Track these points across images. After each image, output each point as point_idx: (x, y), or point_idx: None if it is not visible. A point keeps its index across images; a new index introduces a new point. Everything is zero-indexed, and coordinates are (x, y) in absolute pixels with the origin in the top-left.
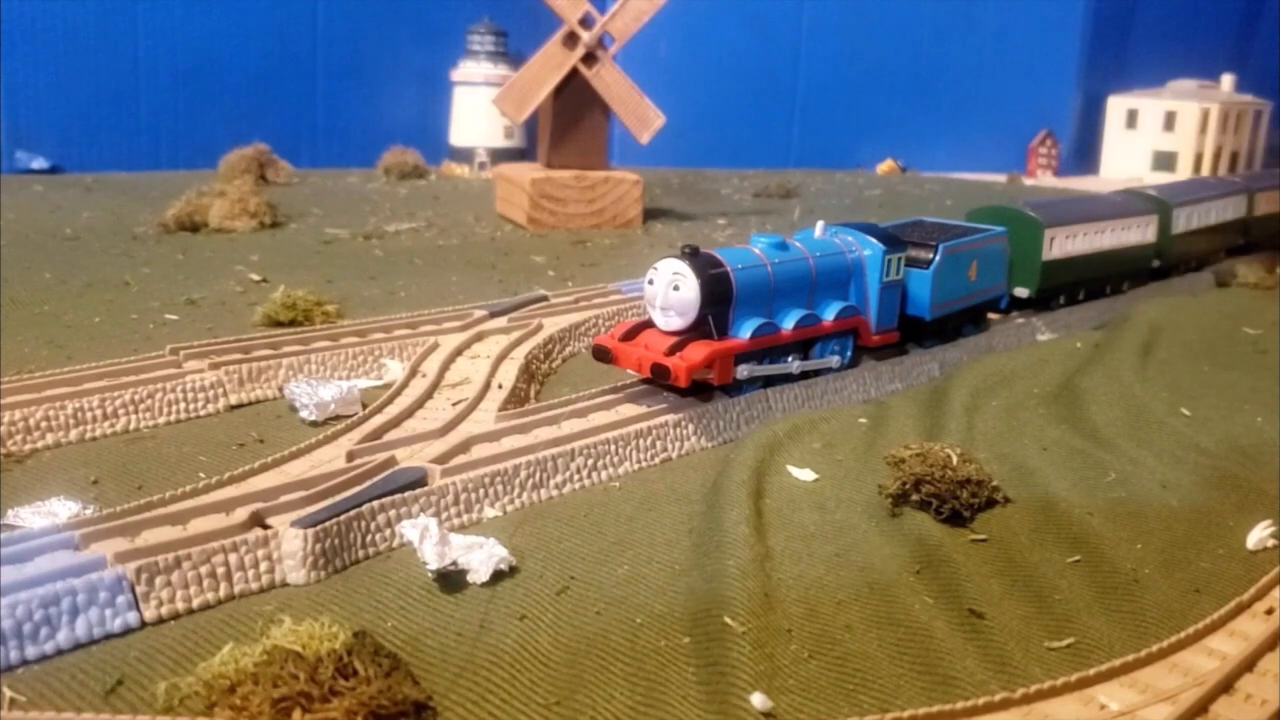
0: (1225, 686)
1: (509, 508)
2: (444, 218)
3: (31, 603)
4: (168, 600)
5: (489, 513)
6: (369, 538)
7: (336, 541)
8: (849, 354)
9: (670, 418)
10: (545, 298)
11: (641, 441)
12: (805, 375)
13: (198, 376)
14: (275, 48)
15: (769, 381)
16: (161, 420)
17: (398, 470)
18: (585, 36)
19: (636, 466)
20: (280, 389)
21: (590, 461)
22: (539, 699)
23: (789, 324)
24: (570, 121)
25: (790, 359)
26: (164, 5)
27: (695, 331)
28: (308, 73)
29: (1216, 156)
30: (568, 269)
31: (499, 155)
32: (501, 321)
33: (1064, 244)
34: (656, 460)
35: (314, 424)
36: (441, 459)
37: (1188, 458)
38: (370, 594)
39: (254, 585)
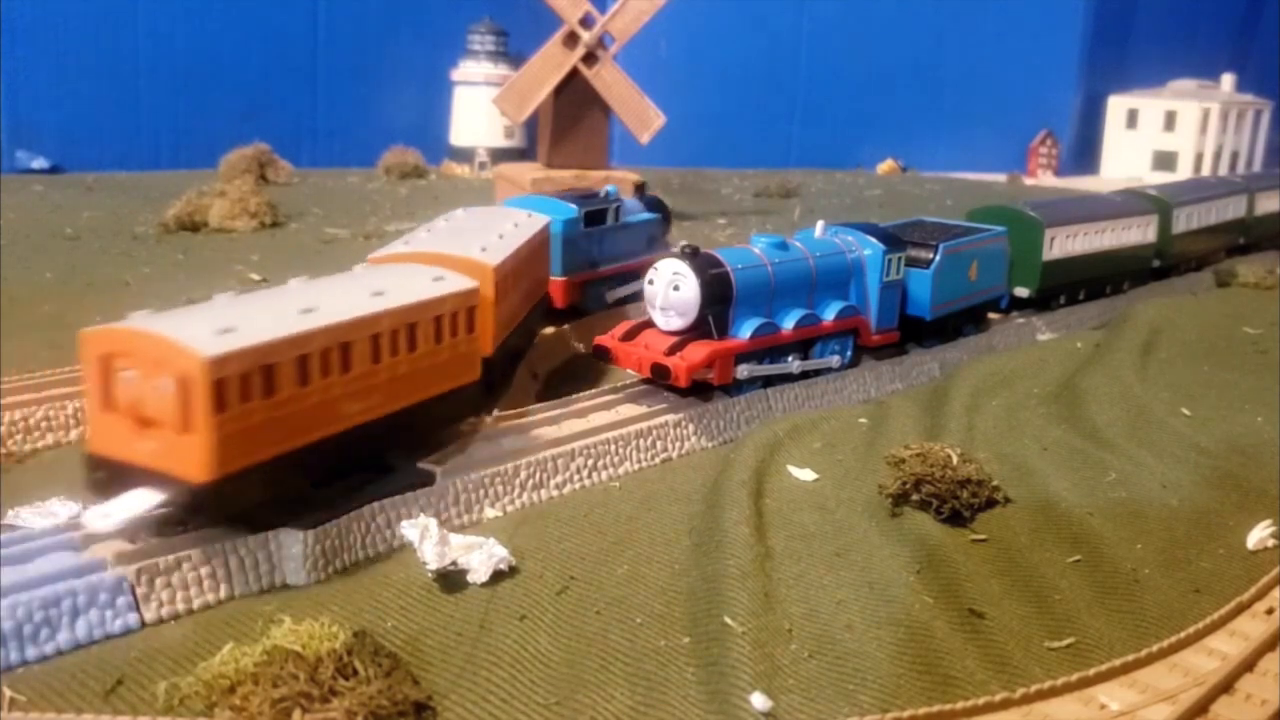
0: (1225, 686)
1: (509, 508)
2: None
3: (32, 604)
4: (168, 601)
5: (489, 513)
6: (369, 538)
7: (337, 542)
8: (849, 354)
9: (670, 418)
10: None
11: (641, 441)
12: (805, 375)
13: None
14: (275, 48)
15: (769, 381)
16: None
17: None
18: (585, 36)
19: (636, 466)
20: None
21: (590, 461)
22: (539, 699)
23: (789, 324)
24: (570, 121)
25: (790, 359)
26: (164, 5)
27: (695, 331)
28: (308, 73)
29: (1216, 156)
30: None
31: (499, 155)
32: None
33: (1064, 244)
34: (656, 460)
35: None
36: (441, 459)
37: (1188, 458)
38: (370, 594)
39: (254, 586)
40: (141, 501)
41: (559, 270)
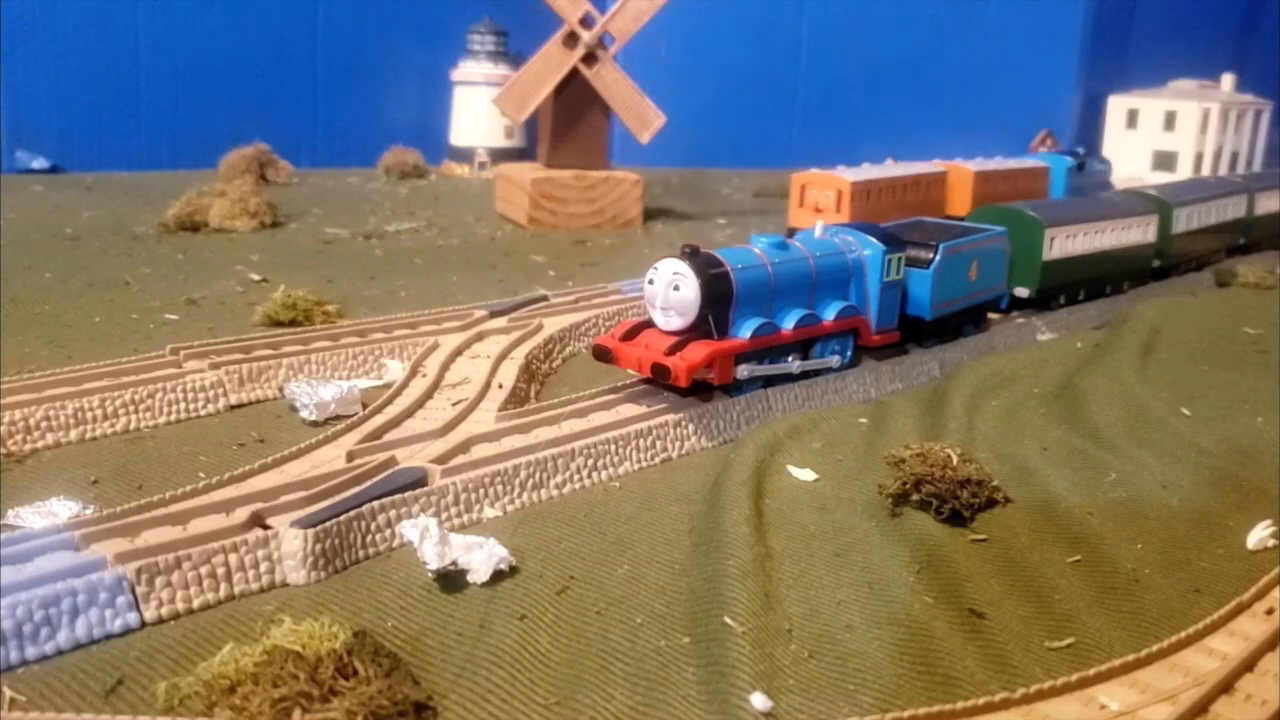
0: (1225, 686)
1: (509, 508)
2: (444, 218)
3: (32, 603)
4: (168, 600)
5: (489, 513)
6: (369, 538)
7: (336, 542)
8: (849, 354)
9: (670, 418)
10: (545, 298)
11: (641, 441)
12: (805, 375)
13: (198, 376)
14: (275, 48)
15: (769, 381)
16: (162, 420)
17: (398, 470)
18: (585, 36)
19: (636, 466)
20: (280, 389)
21: (590, 461)
22: (539, 699)
23: (789, 324)
24: (570, 121)
25: (790, 359)
26: (164, 5)
27: (695, 331)
28: (308, 73)
29: (1216, 156)
30: (568, 269)
31: (499, 155)
32: (502, 321)
33: (1064, 244)
34: (656, 460)
35: (314, 424)
36: (441, 459)
37: (1188, 458)
38: (370, 594)
39: (254, 585)
40: None
41: (1062, 192)
